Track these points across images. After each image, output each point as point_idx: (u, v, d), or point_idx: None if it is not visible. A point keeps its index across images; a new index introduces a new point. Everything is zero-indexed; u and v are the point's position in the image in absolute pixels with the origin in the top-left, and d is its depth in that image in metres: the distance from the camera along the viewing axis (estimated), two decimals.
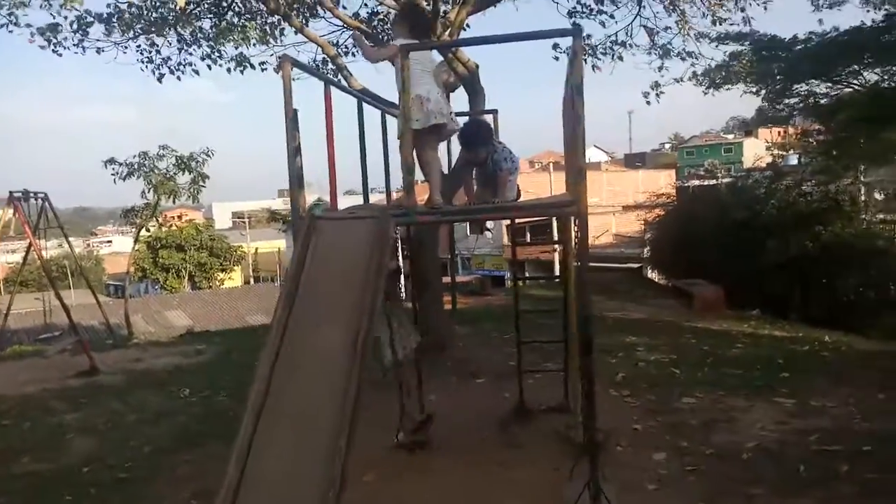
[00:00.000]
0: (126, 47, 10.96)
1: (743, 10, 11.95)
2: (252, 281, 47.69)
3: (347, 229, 3.23)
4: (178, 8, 8.49)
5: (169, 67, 11.30)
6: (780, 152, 29.28)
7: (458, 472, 5.10)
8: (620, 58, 12.88)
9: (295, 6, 9.70)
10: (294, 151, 3.53)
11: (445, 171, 5.50)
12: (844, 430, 5.42)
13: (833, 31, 13.42)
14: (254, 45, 11.08)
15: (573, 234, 3.60)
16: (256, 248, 51.85)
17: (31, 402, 7.66)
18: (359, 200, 5.15)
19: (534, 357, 7.08)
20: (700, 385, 7.07)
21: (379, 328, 4.95)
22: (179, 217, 38.87)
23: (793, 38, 13.99)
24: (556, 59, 11.60)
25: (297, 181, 3.57)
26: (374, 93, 8.73)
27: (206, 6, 10.88)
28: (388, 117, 5.30)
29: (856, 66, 14.62)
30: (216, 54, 11.26)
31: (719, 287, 13.08)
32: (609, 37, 12.78)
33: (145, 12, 9.85)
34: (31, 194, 10.26)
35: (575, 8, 12.30)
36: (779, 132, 39.27)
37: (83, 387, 8.30)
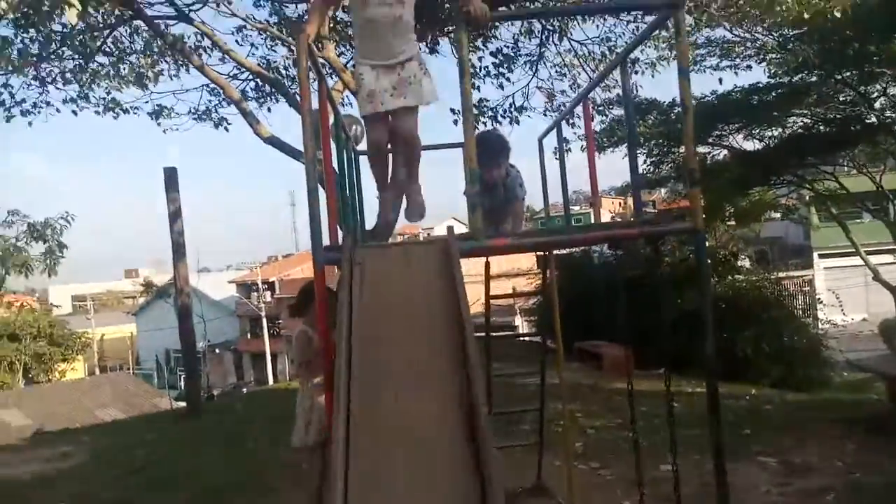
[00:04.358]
0: None
1: (636, 73, 12.36)
2: (98, 371, 43.10)
3: (401, 260, 2.36)
4: (69, 24, 7.26)
5: (21, 110, 9.97)
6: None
7: None
8: (517, 121, 12.92)
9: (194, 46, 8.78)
10: (174, 215, 2.63)
11: None
12: (852, 487, 5.06)
13: (710, 95, 14.20)
14: (126, 87, 10.09)
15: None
16: (103, 335, 47.20)
17: None
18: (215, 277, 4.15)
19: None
20: (666, 449, 6.57)
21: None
22: (10, 303, 34.62)
23: (671, 102, 14.68)
24: (455, 122, 11.39)
25: (181, 248, 2.65)
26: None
27: (73, 45, 9.69)
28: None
29: (726, 130, 15.62)
30: (82, 97, 10.11)
31: (626, 347, 12.96)
32: (507, 98, 12.85)
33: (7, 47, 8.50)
34: None
35: (473, 67, 12.29)
36: (620, 202, 42.02)
37: None
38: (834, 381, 13.06)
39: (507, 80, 12.25)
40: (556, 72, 12.90)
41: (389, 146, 3.37)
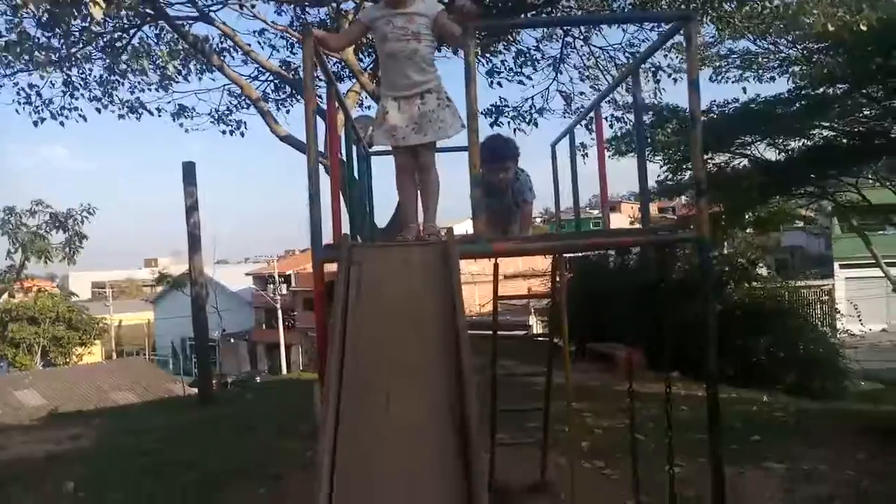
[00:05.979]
0: (1, 86, 9.74)
1: (658, 81, 12.31)
2: (115, 356, 43.64)
3: (400, 261, 2.37)
4: (92, 21, 7.35)
5: (51, 112, 10.11)
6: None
7: None
8: (536, 123, 12.92)
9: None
10: (191, 208, 2.68)
11: None
12: (862, 497, 5.02)
13: (732, 102, 14.04)
14: (149, 88, 10.24)
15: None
16: (120, 321, 47.78)
17: None
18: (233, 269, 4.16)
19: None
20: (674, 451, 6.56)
21: None
22: (29, 288, 35.14)
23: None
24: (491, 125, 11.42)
25: (197, 241, 2.69)
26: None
27: (99, 46, 9.86)
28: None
29: (748, 139, 15.43)
30: (107, 98, 10.26)
31: (639, 350, 12.90)
32: (526, 100, 12.84)
33: (31, 43, 8.63)
34: None
35: (494, 66, 12.29)
36: (638, 208, 41.65)
37: None
38: (850, 391, 12.92)
39: (529, 78, 12.24)
40: (578, 75, 12.90)
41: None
